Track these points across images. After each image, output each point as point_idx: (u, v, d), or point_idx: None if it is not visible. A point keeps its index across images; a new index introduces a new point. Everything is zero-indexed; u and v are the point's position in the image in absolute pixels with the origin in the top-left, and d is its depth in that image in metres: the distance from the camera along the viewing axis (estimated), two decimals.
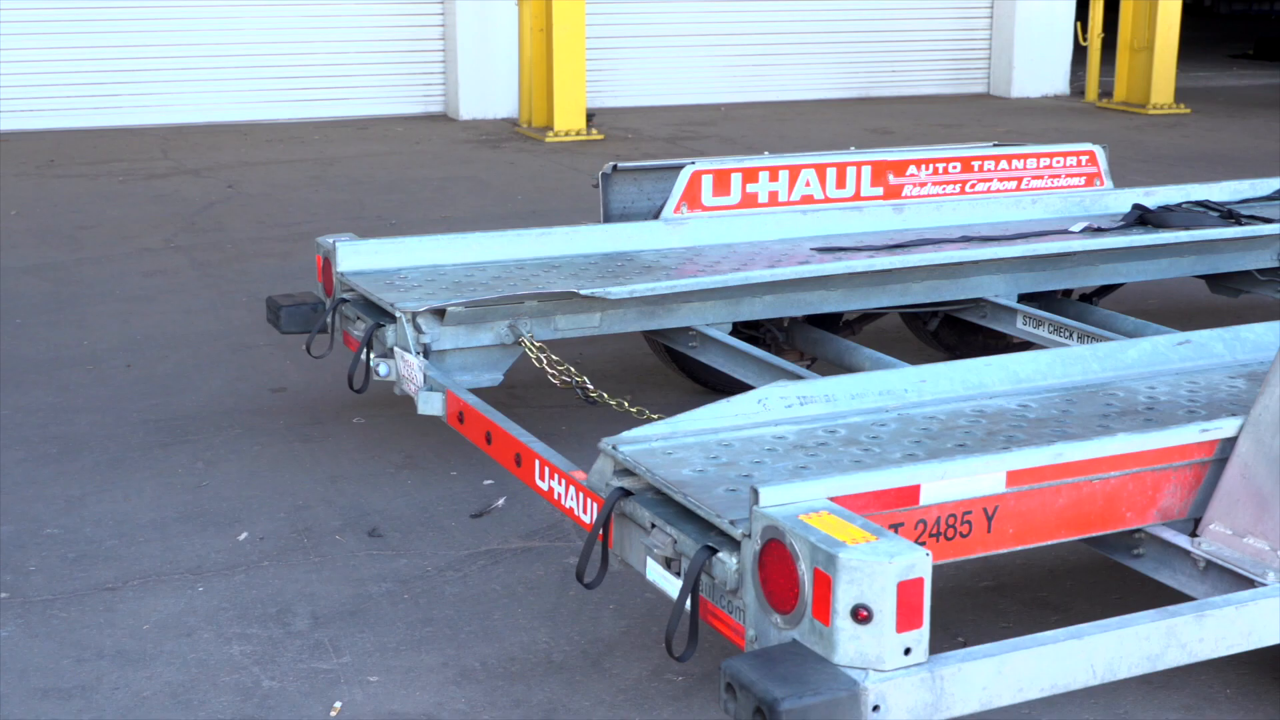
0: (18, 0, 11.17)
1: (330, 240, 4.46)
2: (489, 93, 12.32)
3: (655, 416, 3.62)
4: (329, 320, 4.29)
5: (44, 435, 4.77)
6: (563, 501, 3.15)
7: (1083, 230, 5.03)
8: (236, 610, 3.58)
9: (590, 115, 11.44)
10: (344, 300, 4.30)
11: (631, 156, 10.17)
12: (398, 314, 3.96)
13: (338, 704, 3.15)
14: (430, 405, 3.79)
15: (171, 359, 5.59)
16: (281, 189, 9.11)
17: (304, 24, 12.02)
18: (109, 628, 3.50)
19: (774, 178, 4.98)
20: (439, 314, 3.96)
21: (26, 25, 11.20)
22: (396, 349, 3.98)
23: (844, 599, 2.28)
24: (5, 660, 3.34)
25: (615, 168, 4.97)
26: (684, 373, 5.07)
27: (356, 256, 4.42)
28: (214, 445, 4.65)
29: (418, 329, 3.94)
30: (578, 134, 11.24)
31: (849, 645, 2.28)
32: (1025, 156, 5.33)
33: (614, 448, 2.94)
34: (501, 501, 4.21)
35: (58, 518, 4.13)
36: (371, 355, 4.04)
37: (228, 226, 7.99)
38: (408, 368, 3.91)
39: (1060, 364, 3.47)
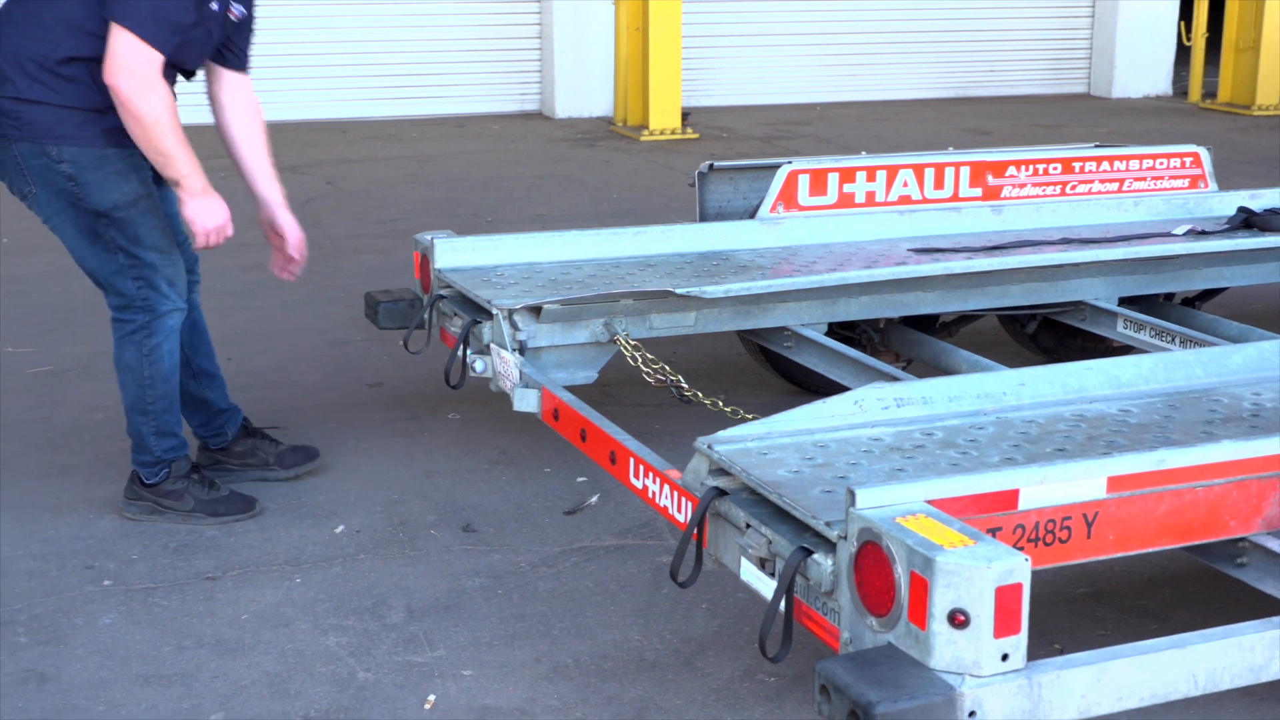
0: None
1: (428, 237, 4.50)
2: (585, 91, 12.36)
3: (750, 416, 3.62)
4: (426, 316, 4.33)
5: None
6: (657, 500, 3.15)
7: (1186, 233, 4.95)
8: (333, 602, 3.62)
9: (685, 114, 11.43)
10: (441, 297, 4.34)
11: (726, 156, 10.15)
12: (494, 311, 3.99)
13: (431, 697, 3.18)
14: (526, 402, 3.81)
15: (270, 353, 5.67)
16: (379, 186, 9.20)
17: (403, 23, 12.12)
18: (209, 617, 3.56)
19: (871, 178, 4.95)
20: (535, 311, 3.98)
21: None
22: (493, 346, 4.00)
23: (941, 603, 2.26)
24: (109, 647, 3.41)
25: (711, 167, 4.96)
26: (778, 373, 5.06)
27: (454, 254, 4.46)
28: (311, 439, 4.71)
29: (514, 326, 3.96)
30: (673, 133, 11.24)
31: (945, 650, 2.27)
32: (1127, 158, 5.26)
33: (709, 447, 2.94)
34: (595, 499, 4.22)
35: None
36: (468, 352, 4.07)
37: (326, 223, 8.08)
38: (504, 364, 3.94)
39: (1163, 369, 3.41)
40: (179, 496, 4.08)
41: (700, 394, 3.87)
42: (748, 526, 2.76)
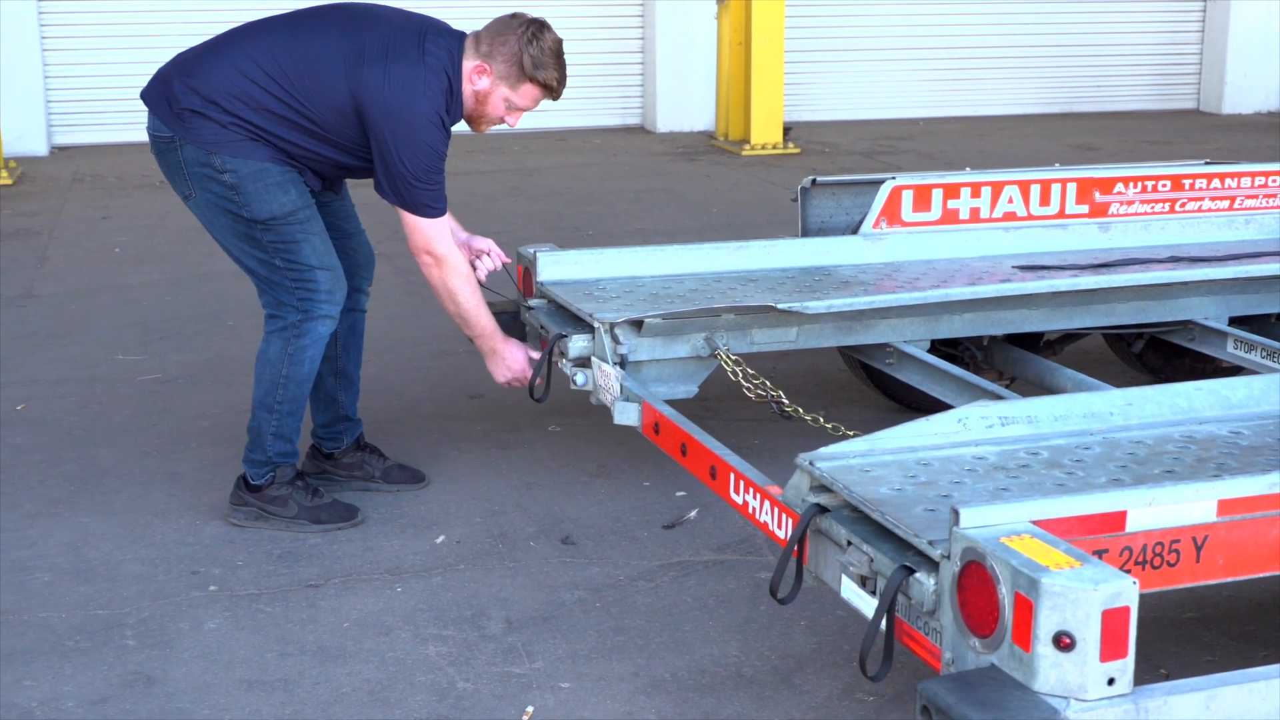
0: (230, 16, 11.55)
1: (531, 250, 4.53)
2: (686, 106, 12.37)
3: (851, 433, 3.60)
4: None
5: (244, 436, 4.92)
6: (757, 516, 3.14)
7: None
8: (433, 612, 3.65)
9: (787, 129, 11.41)
10: (529, 307, 4.38)
11: (828, 171, 10.11)
12: (596, 325, 4.00)
13: (530, 709, 3.19)
14: (626, 415, 3.82)
15: (374, 364, 5.73)
16: (482, 199, 9.27)
17: None
18: (311, 624, 3.60)
19: (976, 194, 4.90)
20: (636, 325, 3.99)
21: None
22: (594, 359, 4.02)
23: (1046, 625, 2.23)
24: (213, 651, 3.47)
25: (814, 182, 4.95)
26: (879, 389, 5.02)
27: (556, 267, 4.48)
28: (414, 449, 4.75)
29: (615, 340, 3.98)
30: (774, 147, 11.22)
31: (1050, 673, 2.23)
32: (1239, 175, 5.16)
33: (811, 463, 2.92)
34: (694, 513, 4.22)
35: None
36: (564, 365, 4.10)
37: None
38: (604, 378, 3.95)
39: (1275, 390, 3.34)
40: (283, 502, 4.13)
41: (801, 410, 3.85)
42: (849, 544, 2.74)
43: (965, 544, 2.40)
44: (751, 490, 3.16)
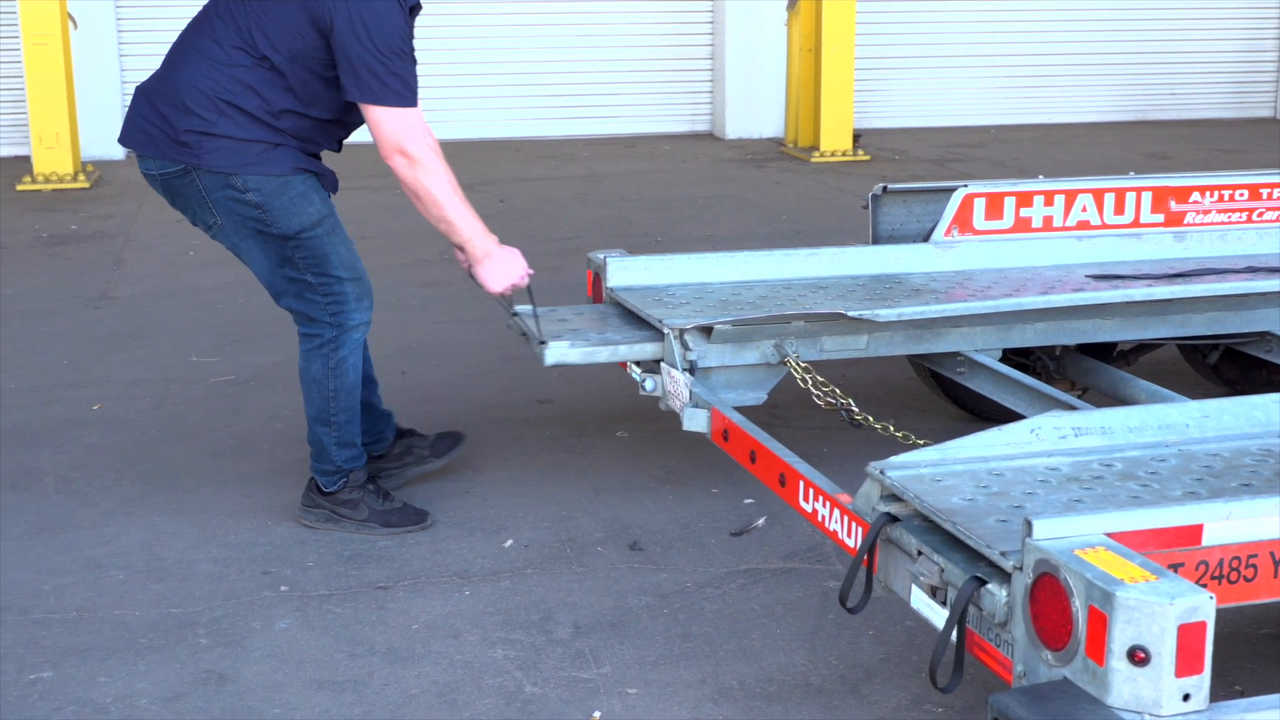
0: None
1: (601, 256, 4.54)
2: (755, 112, 12.36)
3: (922, 442, 3.57)
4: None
5: None
6: (826, 524, 3.13)
7: None
8: (501, 615, 3.67)
9: (857, 136, 11.36)
10: (514, 314, 4.27)
11: (898, 178, 10.07)
12: (665, 330, 4.00)
13: (597, 714, 3.19)
14: (695, 422, 3.82)
15: (444, 368, 5.77)
16: (551, 204, 9.30)
17: (577, 43, 12.26)
18: (380, 625, 3.62)
19: (1049, 202, 4.86)
20: (706, 331, 3.99)
21: None
22: (663, 365, 4.02)
23: (1120, 639, 2.21)
24: (284, 651, 3.50)
25: (885, 189, 4.93)
26: (949, 398, 4.99)
27: (626, 272, 4.49)
28: (482, 453, 4.78)
29: (684, 346, 3.98)
30: (844, 154, 11.18)
31: (1124, 687, 2.21)
32: None
33: (881, 472, 2.91)
34: (762, 521, 4.21)
35: None
36: (633, 370, 4.11)
37: (500, 240, 8.18)
38: (674, 384, 3.95)
39: None
40: (354, 505, 4.15)
41: (870, 418, 3.84)
42: (919, 554, 2.73)
43: (1038, 556, 2.38)
44: (821, 498, 3.15)
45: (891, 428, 3.81)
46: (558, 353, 4.01)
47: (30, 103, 9.94)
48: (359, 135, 4.06)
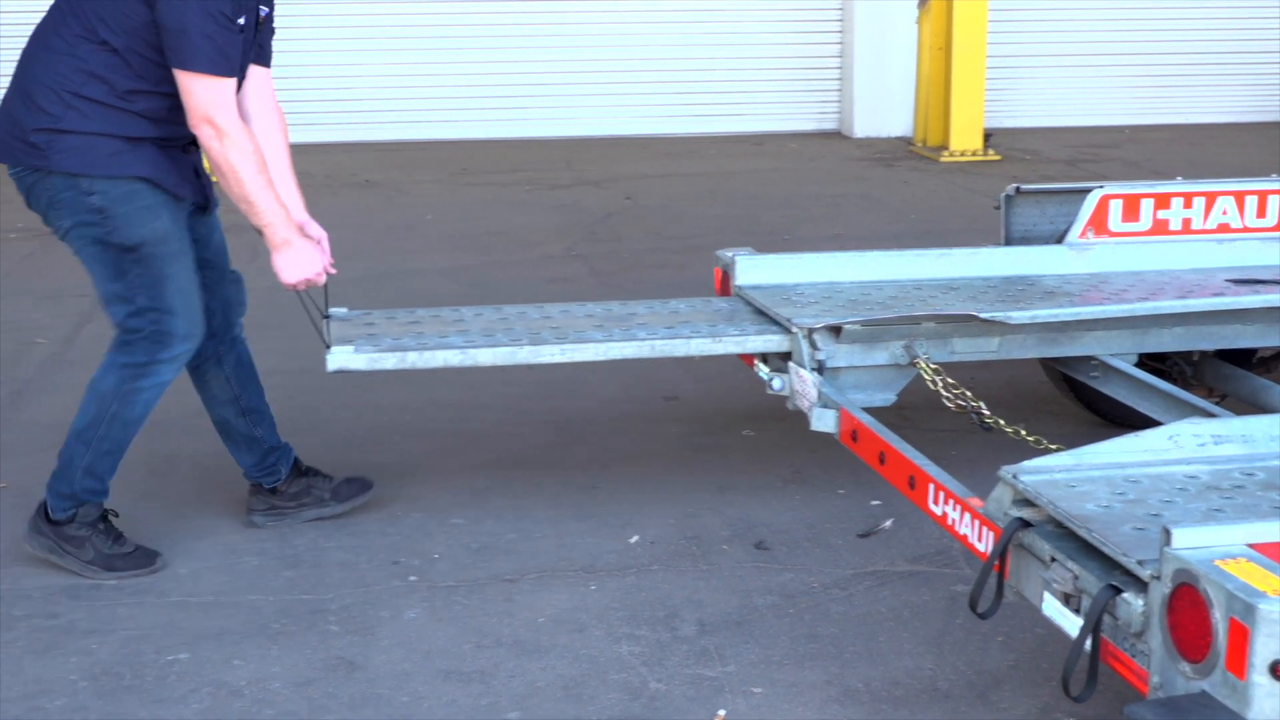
0: (436, 20, 11.81)
1: (729, 254, 4.54)
2: (884, 111, 12.26)
3: (1054, 447, 3.53)
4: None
5: (451, 429, 5.03)
6: (956, 528, 3.10)
7: None
8: (626, 611, 3.68)
9: (987, 135, 11.23)
10: (326, 316, 4.18)
11: (1029, 178, 9.92)
12: (794, 330, 3.99)
13: (722, 712, 3.19)
14: (823, 422, 3.80)
15: (569, 364, 5.79)
16: (678, 202, 9.31)
17: (705, 41, 12.25)
18: (507, 617, 3.66)
19: (1188, 204, 4.76)
20: (835, 331, 3.97)
21: (443, 42, 11.83)
22: (791, 364, 4.01)
23: (1262, 653, 2.16)
24: (412, 640, 3.54)
25: (1018, 189, 4.86)
26: (1081, 403, 4.91)
27: (754, 271, 4.48)
28: (608, 449, 4.80)
29: (813, 345, 3.96)
30: (973, 154, 11.05)
31: (1266, 702, 2.17)
32: None
33: (1014, 476, 2.88)
34: (889, 523, 4.18)
35: (462, 508, 4.34)
36: (760, 369, 4.10)
37: (625, 237, 8.23)
38: (802, 383, 3.94)
39: None
40: (80, 544, 3.89)
41: (1001, 421, 3.79)
42: (1053, 560, 2.69)
43: (1177, 565, 2.34)
44: (952, 502, 3.12)
45: (1023, 432, 3.76)
46: (340, 358, 3.86)
47: None
48: (487, 131, 4.08)
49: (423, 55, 11.83)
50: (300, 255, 3.80)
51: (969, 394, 3.86)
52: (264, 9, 3.89)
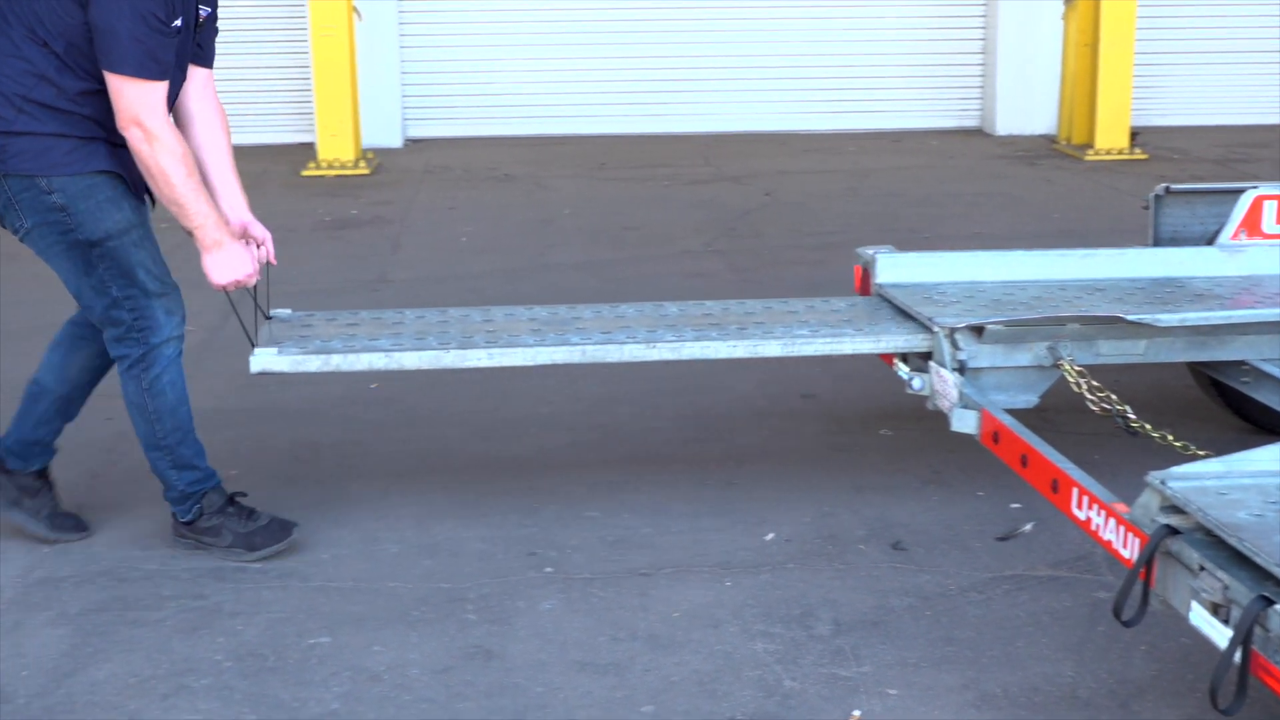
0: (576, 15, 11.88)
1: (870, 251, 4.50)
2: (1026, 108, 12.07)
3: (1202, 453, 3.46)
4: None
5: (588, 423, 5.07)
6: (1101, 534, 3.05)
7: None
8: (761, 608, 3.67)
9: (1134, 133, 11.00)
10: (268, 317, 4.16)
11: (1177, 178, 9.70)
12: (935, 329, 3.95)
13: (857, 713, 3.18)
14: (964, 423, 3.76)
15: (705, 359, 5.79)
16: (816, 198, 9.26)
17: (845, 37, 12.16)
18: (642, 611, 3.67)
19: None
20: (977, 331, 3.92)
21: (583, 38, 11.89)
22: (932, 364, 3.97)
23: None
24: (548, 631, 3.57)
25: (1168, 189, 4.76)
26: (1230, 408, 4.80)
27: (895, 269, 4.44)
28: (744, 445, 4.80)
29: (955, 345, 3.92)
30: (1119, 153, 10.83)
31: None
32: None
33: (1162, 483, 2.82)
34: (1029, 526, 4.12)
35: (598, 501, 4.37)
36: (900, 369, 4.07)
37: (764, 233, 8.21)
38: (942, 383, 3.90)
39: None
40: (217, 532, 3.99)
41: (1148, 426, 3.72)
42: (1201, 569, 2.64)
43: None
44: (1096, 507, 3.07)
45: (1170, 437, 3.69)
46: (263, 360, 3.85)
47: (316, 92, 10.37)
48: (626, 126, 4.10)
49: (563, 50, 11.91)
50: (230, 257, 3.79)
51: (1114, 397, 3.79)
52: (205, 9, 3.86)
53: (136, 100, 3.61)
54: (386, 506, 4.34)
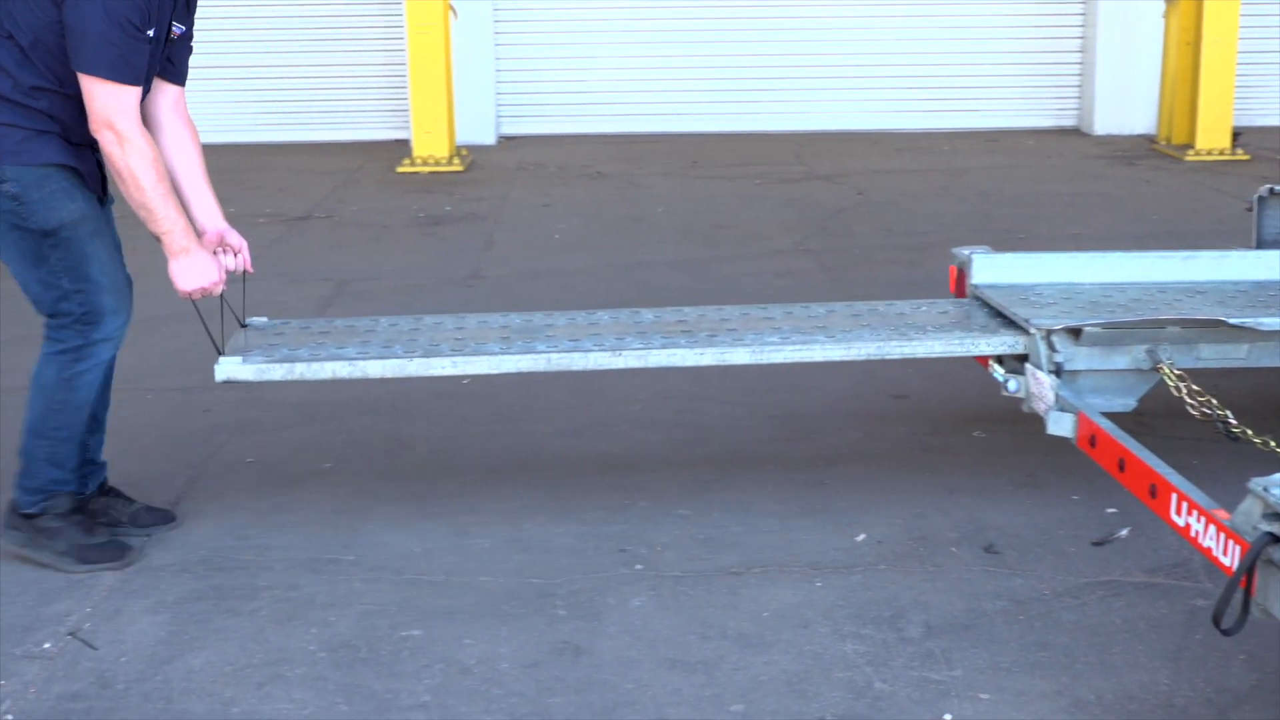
0: (668, 13, 11.89)
1: (966, 252, 4.46)
2: (1125, 107, 11.91)
3: None
4: None
5: (679, 421, 5.07)
6: (1200, 540, 3.00)
7: None
8: (851, 609, 3.65)
9: (1236, 134, 10.81)
10: (244, 324, 4.17)
11: None
12: (1032, 331, 3.91)
13: (948, 716, 3.15)
14: (1060, 426, 3.72)
15: (798, 361, 5.77)
16: (909, 198, 9.20)
17: (939, 34, 12.07)
18: (731, 610, 3.66)
19: None
20: (1074, 333, 3.87)
21: (675, 36, 11.90)
22: (1028, 366, 3.92)
23: None
24: (638, 628, 3.58)
25: (1271, 190, 4.68)
26: None
27: (992, 269, 4.40)
28: (835, 445, 4.77)
29: (1051, 347, 3.87)
30: (1221, 153, 10.66)
31: None
32: None
33: (1265, 489, 2.77)
34: (1125, 532, 4.07)
35: (688, 499, 4.36)
36: (995, 370, 4.03)
37: (856, 232, 8.16)
38: (1038, 386, 3.85)
39: None
40: (53, 535, 3.92)
41: (1249, 431, 3.65)
42: None
43: None
44: (1195, 513, 3.02)
45: (1273, 443, 3.61)
46: (227, 369, 3.85)
47: (412, 88, 10.46)
48: (717, 125, 4.10)
49: (656, 49, 11.93)
50: (197, 264, 3.79)
51: (1215, 402, 3.73)
52: (179, 27, 3.86)
53: (110, 103, 3.62)
54: (478, 501, 4.37)
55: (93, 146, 3.84)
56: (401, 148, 11.01)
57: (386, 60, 11.65)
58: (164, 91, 3.95)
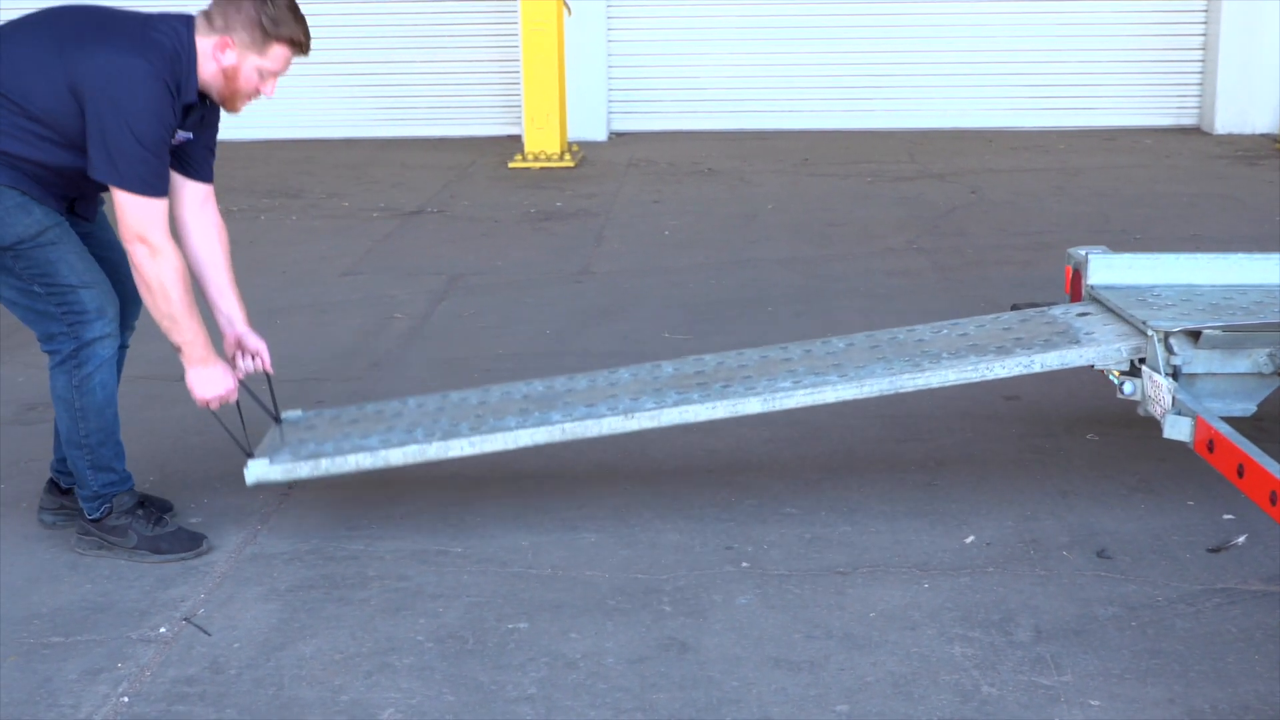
0: (780, 9, 11.84)
1: (1082, 252, 4.40)
2: (1248, 106, 11.65)
3: None
4: None
5: (787, 419, 5.02)
6: None
7: None
8: (959, 611, 3.62)
9: None
10: (278, 420, 4.28)
11: None
12: (1149, 333, 3.84)
13: None
14: (1178, 430, 3.65)
15: None
16: (1024, 197, 9.08)
17: (1055, 31, 11.89)
18: (838, 610, 3.64)
19: None
20: (1193, 336, 3.80)
21: (787, 33, 11.84)
22: (1145, 369, 3.86)
23: None
24: (743, 626, 3.57)
25: None
26: None
27: (1108, 270, 4.34)
28: (945, 446, 4.73)
29: (1169, 350, 3.80)
30: None
31: None
32: None
33: None
34: (1242, 539, 3.98)
35: (796, 498, 4.35)
36: (1111, 374, 3.96)
37: (969, 231, 8.07)
38: (1155, 389, 3.79)
39: None
40: (122, 532, 3.99)
41: None
42: None
43: None
44: None
45: None
46: (257, 472, 3.96)
47: (525, 85, 10.53)
48: (829, 122, 4.08)
49: (767, 45, 11.89)
50: (214, 375, 3.91)
51: None
52: (184, 135, 3.87)
53: (142, 216, 3.70)
54: (585, 496, 4.39)
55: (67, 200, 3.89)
56: (514, 143, 11.09)
57: (500, 57, 11.74)
58: (191, 189, 4.01)
